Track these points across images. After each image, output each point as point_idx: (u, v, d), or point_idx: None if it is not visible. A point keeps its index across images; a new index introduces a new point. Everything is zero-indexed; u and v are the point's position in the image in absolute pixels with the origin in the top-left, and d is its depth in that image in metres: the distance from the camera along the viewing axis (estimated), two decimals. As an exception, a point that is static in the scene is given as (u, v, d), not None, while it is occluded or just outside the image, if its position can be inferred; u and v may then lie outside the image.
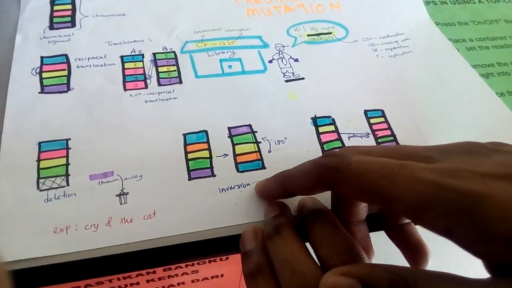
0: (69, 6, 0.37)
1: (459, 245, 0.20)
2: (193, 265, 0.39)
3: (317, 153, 0.31)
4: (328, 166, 0.23)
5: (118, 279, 0.37)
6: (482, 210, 0.18)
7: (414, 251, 0.27)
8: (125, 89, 0.32)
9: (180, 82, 0.33)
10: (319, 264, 0.23)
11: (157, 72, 0.34)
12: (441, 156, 0.22)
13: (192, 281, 0.41)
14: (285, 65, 0.36)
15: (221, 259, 0.38)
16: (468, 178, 0.19)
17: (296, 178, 0.25)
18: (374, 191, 0.21)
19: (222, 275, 0.42)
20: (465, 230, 0.19)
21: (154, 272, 0.38)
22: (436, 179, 0.19)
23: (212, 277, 0.42)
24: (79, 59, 0.33)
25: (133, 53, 0.34)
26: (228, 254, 0.27)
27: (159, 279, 0.39)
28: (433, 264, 0.27)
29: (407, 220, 0.27)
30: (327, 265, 0.23)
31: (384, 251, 0.29)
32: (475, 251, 0.19)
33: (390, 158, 0.22)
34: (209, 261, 0.38)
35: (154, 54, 0.35)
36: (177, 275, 0.39)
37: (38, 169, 0.28)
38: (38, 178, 0.28)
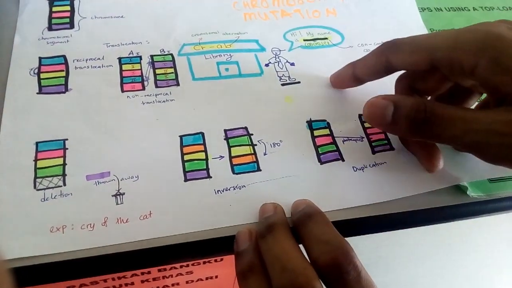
0: (68, 8, 0.37)
1: (479, 81, 0.26)
2: (187, 266, 0.39)
3: (312, 156, 0.31)
4: (390, 42, 0.30)
5: (113, 279, 0.37)
6: (500, 46, 0.24)
7: (429, 152, 0.31)
8: (122, 91, 0.33)
9: (177, 84, 0.34)
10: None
11: (155, 74, 0.34)
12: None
13: (187, 282, 0.41)
14: (282, 69, 0.36)
15: (215, 260, 0.38)
16: (495, 26, 0.26)
17: (363, 58, 0.32)
18: (423, 48, 0.27)
19: (216, 276, 0.43)
20: (485, 63, 0.24)
21: (149, 272, 0.38)
22: (466, 28, 0.26)
23: (207, 278, 0.42)
24: (77, 60, 0.34)
25: (131, 55, 0.35)
26: (223, 255, 0.28)
27: (154, 279, 0.39)
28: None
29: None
30: (317, 264, 0.23)
31: (381, 253, 0.30)
32: (490, 84, 0.25)
33: None
34: (204, 262, 0.39)
35: (151, 56, 0.35)
36: (171, 275, 0.39)
37: (35, 168, 0.28)
38: (35, 177, 0.28)
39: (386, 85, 0.32)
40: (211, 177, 0.29)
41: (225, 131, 0.32)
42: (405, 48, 0.28)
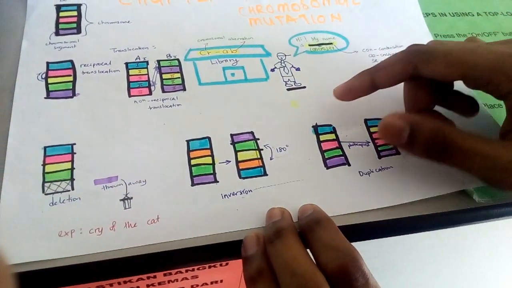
0: (75, 13, 0.37)
1: (507, 106, 0.27)
2: (193, 270, 0.39)
3: (318, 161, 0.31)
4: (419, 50, 0.29)
5: (119, 283, 0.37)
6: None
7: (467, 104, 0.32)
8: (129, 96, 0.33)
9: (184, 89, 0.34)
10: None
11: (161, 79, 0.34)
12: (504, 41, 0.29)
13: (192, 286, 0.41)
14: (287, 73, 0.36)
15: (220, 265, 0.38)
16: None
17: (384, 67, 0.30)
18: (461, 62, 0.27)
19: (221, 281, 0.43)
20: None
21: (155, 276, 0.38)
22: (506, 50, 0.26)
23: (212, 283, 0.42)
24: (85, 65, 0.34)
25: (137, 60, 0.35)
26: (231, 259, 0.28)
27: (159, 283, 0.39)
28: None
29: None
30: (326, 270, 0.24)
31: (387, 257, 0.30)
32: None
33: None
34: (209, 267, 0.39)
35: (158, 61, 0.35)
36: (177, 280, 0.39)
37: (44, 173, 0.28)
38: (44, 182, 0.28)
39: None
40: (218, 182, 0.30)
41: (232, 135, 0.32)
42: (440, 59, 0.28)
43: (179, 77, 0.34)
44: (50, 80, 0.33)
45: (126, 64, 0.35)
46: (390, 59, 0.30)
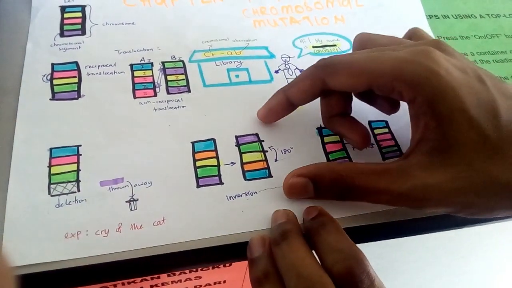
0: (79, 14, 0.37)
1: (412, 113, 0.27)
2: (196, 271, 0.39)
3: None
4: (324, 64, 0.29)
5: (123, 283, 0.37)
6: (437, 87, 0.24)
7: (358, 133, 0.31)
8: (134, 97, 0.33)
9: (189, 90, 0.34)
10: None
11: (166, 81, 0.34)
12: (413, 43, 0.29)
13: (195, 287, 0.41)
14: (291, 75, 0.36)
15: (224, 265, 0.38)
16: (435, 59, 0.25)
17: (296, 83, 0.30)
18: (364, 72, 0.27)
19: (224, 281, 0.43)
20: (421, 101, 0.25)
21: (158, 277, 0.38)
22: (405, 56, 0.26)
23: (215, 283, 0.43)
24: (89, 67, 0.34)
25: (142, 62, 0.35)
26: (236, 261, 0.28)
27: (163, 284, 0.39)
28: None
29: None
30: (331, 272, 0.24)
31: (390, 258, 0.30)
32: (420, 123, 0.26)
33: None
34: (213, 267, 0.39)
35: (163, 62, 0.35)
36: (180, 280, 0.40)
37: (50, 174, 0.28)
38: (50, 183, 0.28)
39: None
40: (223, 183, 0.30)
41: (236, 137, 0.32)
42: (344, 70, 0.28)
43: (183, 79, 0.35)
44: (55, 82, 0.33)
45: (131, 65, 0.35)
46: (301, 74, 0.30)
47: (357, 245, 0.26)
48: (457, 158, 0.24)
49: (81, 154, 0.30)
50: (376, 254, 0.29)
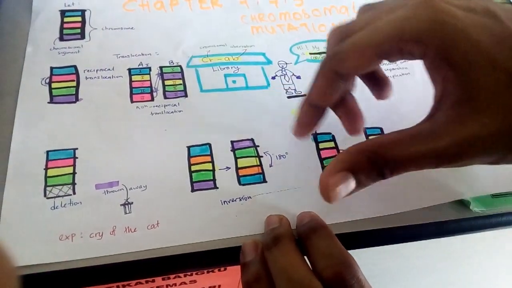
0: (79, 19, 0.38)
1: (430, 70, 0.25)
2: (191, 275, 0.39)
3: (317, 168, 0.32)
4: (328, 57, 0.27)
5: (117, 287, 0.37)
6: (447, 36, 0.23)
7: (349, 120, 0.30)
8: (132, 101, 0.33)
9: (186, 95, 0.34)
10: None
11: (163, 85, 0.35)
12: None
13: (190, 291, 0.42)
14: (288, 81, 0.37)
15: (219, 270, 0.39)
16: (433, 7, 0.23)
17: (312, 88, 0.29)
18: (368, 47, 0.25)
19: (219, 286, 0.43)
20: (433, 55, 0.24)
21: (153, 281, 0.38)
22: (404, 13, 0.24)
23: (210, 288, 0.43)
24: (88, 71, 0.34)
25: (140, 66, 0.35)
26: (229, 265, 0.28)
27: (158, 288, 0.39)
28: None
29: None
30: (322, 277, 0.24)
31: (384, 265, 0.30)
32: (437, 78, 0.25)
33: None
34: (207, 272, 0.39)
35: (160, 67, 0.36)
36: (175, 284, 0.40)
37: (46, 177, 0.29)
38: (46, 186, 0.28)
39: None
40: (217, 188, 0.30)
41: (232, 142, 0.32)
42: (349, 55, 0.26)
43: (181, 84, 0.35)
44: (53, 85, 0.33)
45: (129, 70, 0.35)
46: (314, 77, 0.28)
47: (351, 251, 0.26)
48: (485, 103, 0.22)
49: (77, 157, 0.30)
50: (369, 260, 0.29)
